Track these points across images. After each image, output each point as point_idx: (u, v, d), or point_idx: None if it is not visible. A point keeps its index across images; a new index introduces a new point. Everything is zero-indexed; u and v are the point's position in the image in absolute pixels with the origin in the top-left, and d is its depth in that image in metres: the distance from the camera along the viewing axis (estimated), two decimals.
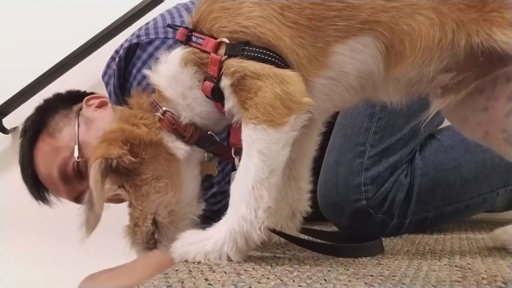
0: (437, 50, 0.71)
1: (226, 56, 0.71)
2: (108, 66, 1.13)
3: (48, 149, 1.19)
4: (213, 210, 1.01)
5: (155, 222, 0.79)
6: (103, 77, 1.15)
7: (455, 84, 0.76)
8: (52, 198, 1.27)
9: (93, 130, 1.17)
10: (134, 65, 1.06)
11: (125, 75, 1.08)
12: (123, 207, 0.85)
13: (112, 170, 0.77)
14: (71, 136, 1.18)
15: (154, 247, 0.80)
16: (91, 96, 1.26)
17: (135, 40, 1.07)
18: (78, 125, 1.19)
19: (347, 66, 0.73)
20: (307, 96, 0.70)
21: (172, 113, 0.79)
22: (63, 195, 1.24)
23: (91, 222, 0.75)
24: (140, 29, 1.11)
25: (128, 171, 0.78)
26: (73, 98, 1.27)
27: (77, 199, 1.21)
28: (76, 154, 1.16)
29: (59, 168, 1.18)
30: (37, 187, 1.24)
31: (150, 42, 1.06)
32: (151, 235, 0.79)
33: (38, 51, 1.19)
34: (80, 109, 1.23)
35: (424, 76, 0.74)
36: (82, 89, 1.33)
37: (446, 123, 1.18)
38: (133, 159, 0.77)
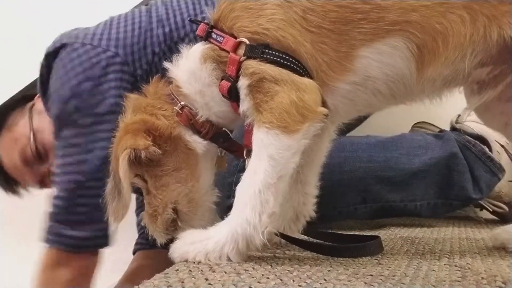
0: (469, 46, 0.71)
1: (245, 57, 0.71)
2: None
3: (8, 141, 1.30)
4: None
5: (175, 210, 0.81)
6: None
7: (492, 78, 0.76)
8: (22, 191, 1.40)
9: (45, 117, 1.23)
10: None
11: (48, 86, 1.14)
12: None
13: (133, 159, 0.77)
14: (26, 126, 1.28)
15: (173, 233, 0.83)
16: None
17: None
18: (32, 117, 1.30)
19: (373, 70, 0.72)
20: (321, 105, 0.71)
21: (190, 109, 0.79)
22: (28, 180, 1.34)
23: (120, 212, 0.77)
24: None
25: (149, 161, 0.79)
26: (26, 99, 1.37)
27: (42, 182, 1.34)
28: (31, 139, 1.26)
29: (19, 155, 1.28)
30: (6, 179, 1.36)
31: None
32: (171, 222, 0.82)
33: (38, 52, 1.20)
34: (33, 105, 1.33)
35: (460, 72, 0.74)
36: None
37: None
38: (158, 150, 0.78)
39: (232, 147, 0.83)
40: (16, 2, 1.92)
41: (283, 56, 0.70)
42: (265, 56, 0.70)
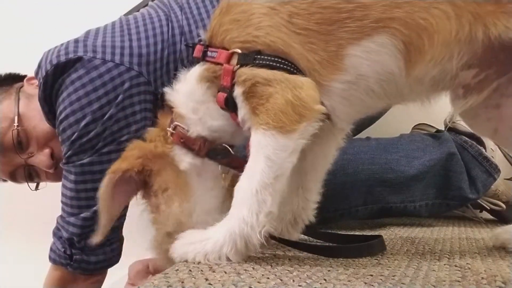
0: (455, 45, 0.71)
1: (239, 65, 0.71)
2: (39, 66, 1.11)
3: None
4: None
5: (168, 233, 0.80)
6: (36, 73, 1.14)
7: (477, 83, 0.75)
8: None
9: (33, 103, 1.15)
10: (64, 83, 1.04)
11: (51, 94, 1.07)
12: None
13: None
14: (11, 108, 1.19)
15: None
16: (33, 76, 1.22)
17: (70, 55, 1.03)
18: (19, 99, 1.20)
19: (364, 69, 0.72)
20: (319, 103, 0.70)
21: (182, 127, 0.80)
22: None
23: (100, 230, 0.80)
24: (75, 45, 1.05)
25: (144, 183, 0.81)
26: (14, 79, 1.27)
27: (13, 174, 1.24)
28: (15, 123, 1.17)
29: None
30: None
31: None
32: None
33: (38, 52, 1.20)
34: (21, 86, 1.24)
35: (447, 73, 0.73)
36: None
37: None
38: (139, 170, 0.79)
39: (233, 163, 0.81)
40: (16, 2, 1.92)
41: (275, 59, 0.71)
42: (257, 61, 0.71)
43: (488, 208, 1.41)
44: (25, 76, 1.28)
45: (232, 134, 0.80)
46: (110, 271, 1.23)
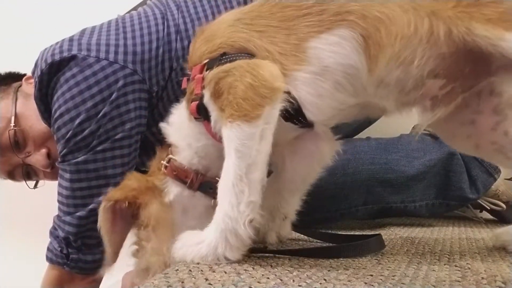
0: (418, 44, 0.70)
1: (207, 72, 0.73)
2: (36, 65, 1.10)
3: None
4: None
5: (145, 269, 0.81)
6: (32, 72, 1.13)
7: (445, 95, 0.75)
8: None
9: (31, 103, 1.14)
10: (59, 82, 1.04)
11: (47, 93, 1.06)
12: None
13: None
14: (8, 108, 1.19)
15: None
16: (31, 76, 1.20)
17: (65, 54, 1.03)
18: (16, 99, 1.20)
19: (327, 60, 0.72)
20: (281, 81, 0.70)
21: (175, 160, 0.81)
22: None
23: (108, 259, 0.82)
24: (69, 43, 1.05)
25: (136, 214, 0.82)
26: (13, 78, 1.28)
27: (11, 173, 1.26)
28: (12, 123, 1.17)
29: None
30: None
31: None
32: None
33: (38, 52, 1.20)
34: (20, 86, 1.24)
35: (411, 76, 0.72)
36: None
37: None
38: (130, 202, 0.80)
39: None
40: (16, 2, 1.92)
41: (238, 54, 0.73)
42: (222, 61, 0.73)
43: (488, 208, 1.41)
44: (24, 75, 1.27)
45: (218, 160, 0.78)
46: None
